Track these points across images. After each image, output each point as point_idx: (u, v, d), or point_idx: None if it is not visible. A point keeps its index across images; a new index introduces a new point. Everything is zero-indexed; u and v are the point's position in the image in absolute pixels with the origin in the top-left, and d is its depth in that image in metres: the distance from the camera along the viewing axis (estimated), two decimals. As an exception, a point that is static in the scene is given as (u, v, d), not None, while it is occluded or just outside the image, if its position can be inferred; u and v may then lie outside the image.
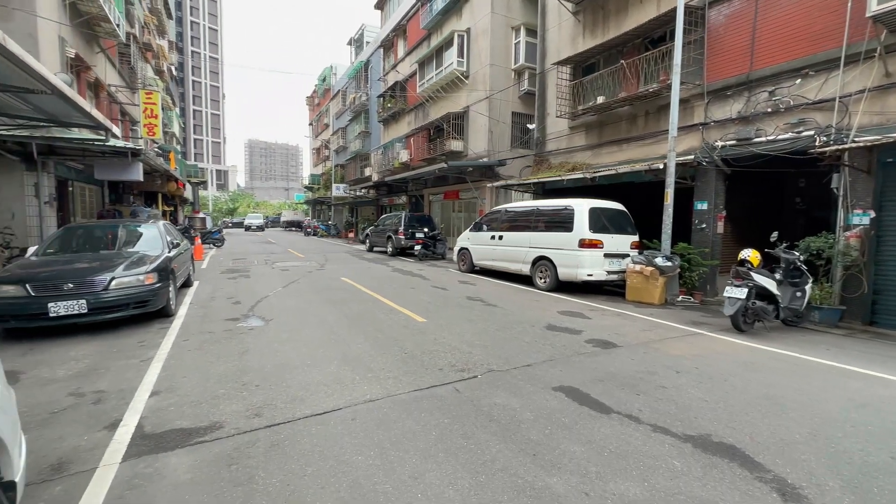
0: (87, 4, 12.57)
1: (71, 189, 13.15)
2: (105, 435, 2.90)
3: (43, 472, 2.47)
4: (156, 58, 24.83)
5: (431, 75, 20.02)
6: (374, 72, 29.53)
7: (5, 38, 4.25)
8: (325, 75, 43.20)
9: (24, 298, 4.94)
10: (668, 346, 5.20)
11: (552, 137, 14.12)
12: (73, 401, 3.45)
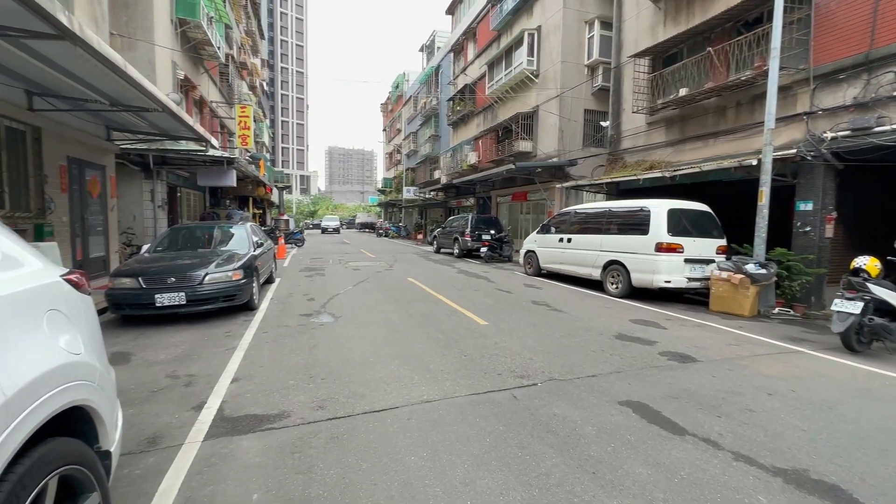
0: (195, 31, 14.22)
1: (179, 194, 14.94)
2: (192, 415, 3.23)
3: (141, 443, 2.80)
4: (250, 75, 27.42)
5: (500, 76, 19.88)
6: (445, 76, 30.02)
7: (127, 66, 4.93)
8: (398, 82, 44.79)
9: (137, 290, 5.69)
10: (759, 364, 4.63)
11: (628, 134, 13.32)
12: (170, 382, 3.89)
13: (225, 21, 17.59)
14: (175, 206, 14.51)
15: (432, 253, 19.81)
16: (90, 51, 4.33)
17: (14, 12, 3.64)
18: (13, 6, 3.47)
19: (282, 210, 35.55)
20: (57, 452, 1.41)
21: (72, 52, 4.54)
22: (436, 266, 14.08)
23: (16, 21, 3.87)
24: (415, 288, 9.33)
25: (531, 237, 12.13)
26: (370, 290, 9.01)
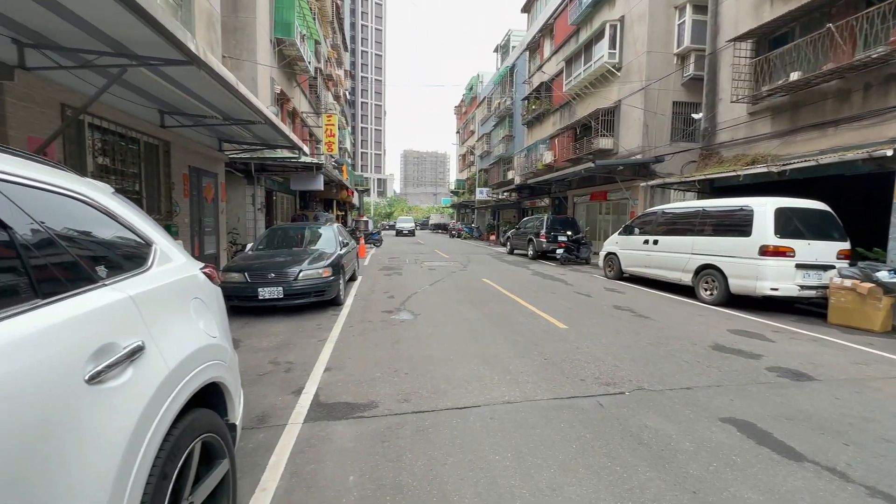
0: (289, 49, 15.55)
1: (274, 198, 16.43)
2: (292, 399, 3.54)
3: (252, 420, 3.14)
4: (335, 85, 29.32)
5: (579, 72, 19.17)
6: (520, 75, 29.64)
7: (238, 84, 5.55)
8: (472, 84, 45.11)
9: (243, 284, 6.37)
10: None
11: (725, 127, 12.14)
12: (272, 367, 4.30)
13: (315, 37, 19.01)
14: (271, 209, 15.99)
15: (505, 254, 19.67)
16: (210, 73, 4.93)
17: (156, 45, 4.27)
18: (157, 40, 4.07)
19: (361, 212, 37.55)
20: (200, 421, 1.64)
21: (195, 74, 5.20)
22: (510, 267, 13.96)
23: (156, 52, 4.53)
24: (490, 289, 9.34)
25: (612, 238, 11.54)
26: (446, 289, 9.18)
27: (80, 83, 5.46)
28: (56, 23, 4.09)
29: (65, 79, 5.25)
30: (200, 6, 9.06)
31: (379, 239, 24.21)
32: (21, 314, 1.04)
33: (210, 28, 9.59)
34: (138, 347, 1.33)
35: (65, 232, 1.32)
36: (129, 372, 1.27)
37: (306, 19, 16.82)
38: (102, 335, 1.23)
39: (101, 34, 4.30)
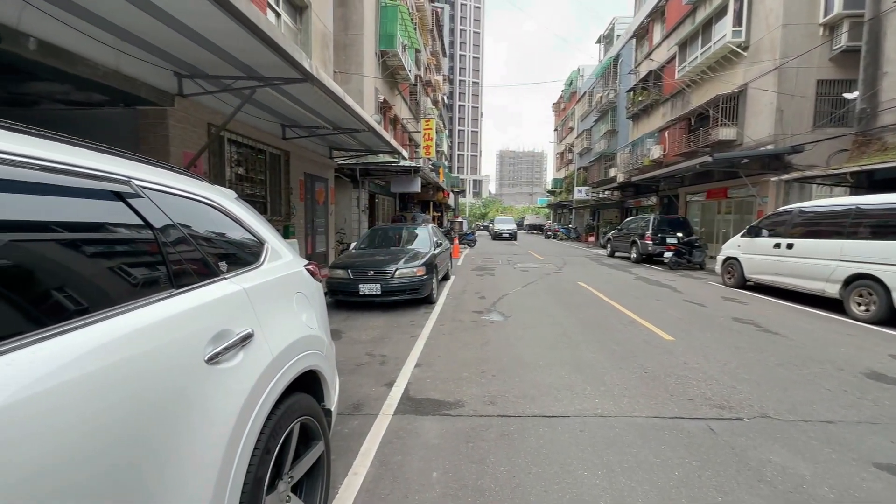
0: (392, 59, 16.48)
1: (376, 200, 17.57)
2: (384, 390, 3.74)
3: (348, 407, 3.38)
4: (433, 91, 30.37)
5: (695, 56, 17.26)
6: (625, 66, 27.67)
7: (345, 96, 6.03)
8: (572, 79, 43.31)
9: (347, 280, 6.91)
10: None
11: (890, 107, 9.94)
12: (368, 359, 4.59)
13: (415, 46, 19.90)
14: (374, 210, 17.13)
15: (605, 257, 18.52)
16: (322, 87, 5.43)
17: (279, 66, 4.84)
18: (279, 62, 4.61)
19: (456, 213, 38.36)
20: (299, 404, 1.80)
21: (310, 90, 5.78)
22: (610, 271, 13.10)
23: (279, 73, 5.14)
24: (586, 292, 8.86)
25: (733, 241, 10.17)
26: (539, 292, 8.93)
27: (221, 105, 6.40)
28: (206, 56, 4.86)
29: (210, 102, 6.21)
30: (316, 28, 10.05)
31: (473, 239, 24.49)
32: (161, 301, 1.24)
33: (324, 47, 10.58)
34: (249, 335, 1.51)
35: (196, 232, 1.55)
36: (240, 356, 1.44)
37: (408, 30, 17.69)
38: (220, 322, 1.42)
39: (238, 62, 5.00)
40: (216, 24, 3.98)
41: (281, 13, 8.91)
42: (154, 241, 1.32)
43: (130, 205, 1.28)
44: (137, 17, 3.98)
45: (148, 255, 1.31)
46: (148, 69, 5.02)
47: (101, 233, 1.21)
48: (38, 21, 3.77)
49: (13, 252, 0.95)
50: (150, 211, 1.34)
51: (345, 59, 14.28)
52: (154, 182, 1.44)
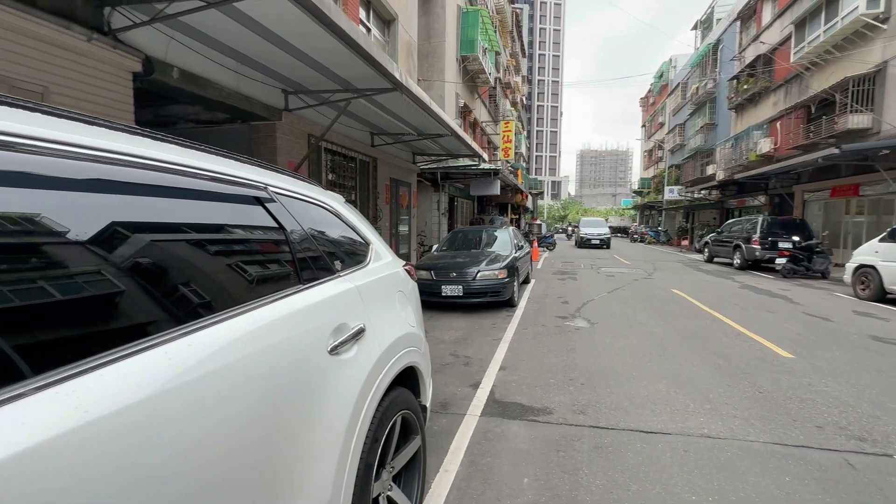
0: (472, 64, 16.66)
1: (456, 203, 17.85)
2: (470, 391, 3.77)
3: (436, 406, 3.46)
4: (512, 92, 30.13)
5: (817, 33, 15.09)
6: (726, 52, 25.07)
7: (431, 103, 6.22)
8: (663, 70, 40.29)
9: (430, 281, 7.10)
10: None
11: None
12: (452, 360, 4.66)
13: (495, 49, 19.91)
14: (453, 213, 17.42)
15: (702, 262, 16.90)
16: (410, 95, 5.66)
17: (371, 78, 5.13)
18: (372, 74, 4.89)
19: (535, 215, 37.61)
20: (401, 398, 1.88)
21: (398, 98, 6.05)
22: (708, 278, 11.93)
23: (371, 84, 5.45)
24: (682, 301, 8.16)
25: (868, 247, 8.71)
26: (627, 298, 8.41)
27: (319, 117, 6.96)
28: (309, 73, 5.32)
29: (310, 115, 6.77)
30: (402, 39, 10.50)
31: (552, 243, 23.81)
32: (292, 295, 1.38)
33: (409, 56, 11.02)
34: (361, 329, 1.62)
35: (316, 233, 1.70)
36: (354, 349, 1.55)
37: (488, 33, 17.76)
38: (339, 316, 1.53)
39: (335, 76, 5.40)
40: (321, 44, 4.34)
41: (371, 27, 9.45)
42: (285, 241, 1.47)
43: (267, 208, 1.44)
44: (256, 42, 4.48)
45: (281, 254, 1.46)
46: (261, 88, 5.62)
47: (246, 233, 1.37)
48: (180, 53, 4.41)
49: (183, 250, 1.11)
50: (281, 214, 1.49)
51: (427, 67, 14.74)
52: (283, 188, 1.60)
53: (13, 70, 3.22)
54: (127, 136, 1.05)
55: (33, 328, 0.74)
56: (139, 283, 0.94)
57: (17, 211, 0.77)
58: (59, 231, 0.82)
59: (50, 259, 0.81)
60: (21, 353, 0.69)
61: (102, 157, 0.94)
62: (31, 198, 0.78)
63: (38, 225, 0.80)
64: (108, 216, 0.93)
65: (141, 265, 0.96)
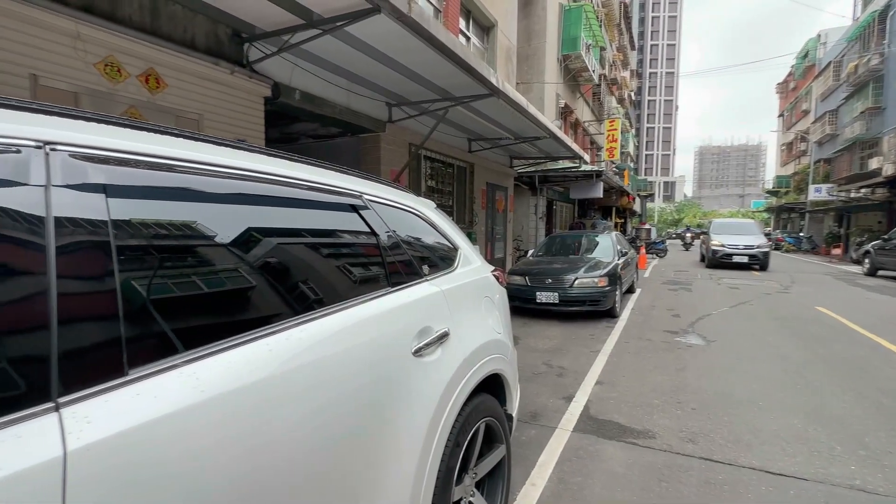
0: (574, 62, 16.03)
1: (554, 207, 17.29)
2: (563, 404, 3.61)
3: (525, 415, 3.37)
4: (619, 89, 28.32)
5: None
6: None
7: (528, 106, 6.13)
8: (808, 49, 34.36)
9: (524, 287, 6.97)
10: None
11: None
12: (545, 369, 4.51)
13: (600, 44, 18.91)
14: (551, 217, 16.90)
15: (860, 276, 13.97)
16: (507, 100, 5.64)
17: (469, 85, 5.23)
18: (470, 82, 4.99)
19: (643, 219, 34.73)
20: (485, 405, 1.87)
21: (495, 103, 6.06)
22: (870, 294, 9.81)
23: (469, 91, 5.55)
24: (829, 321, 6.83)
25: None
26: (755, 315, 7.30)
27: (419, 126, 7.29)
28: (410, 85, 5.61)
29: (411, 124, 7.13)
30: (501, 45, 10.53)
31: (663, 249, 21.72)
32: (381, 297, 1.46)
33: (507, 61, 11.00)
34: (445, 333, 1.65)
35: (405, 238, 1.78)
36: (438, 352, 1.58)
37: (592, 28, 16.94)
38: (424, 319, 1.58)
39: (435, 86, 5.61)
40: (421, 57, 4.55)
41: (470, 36, 9.64)
42: (377, 245, 1.56)
43: (361, 215, 1.55)
44: (363, 61, 4.86)
45: (372, 257, 1.55)
46: (368, 103, 6.08)
47: (342, 237, 1.49)
48: (301, 77, 4.98)
49: (290, 253, 1.24)
50: (374, 220, 1.59)
51: (527, 70, 14.55)
52: (376, 195, 1.70)
53: (179, 103, 3.94)
54: (252, 155, 1.22)
55: (177, 315, 0.89)
56: (257, 282, 1.09)
57: (180, 219, 0.98)
58: (209, 235, 1.01)
59: (167, 260, 0.95)
60: (159, 337, 0.84)
61: (237, 174, 1.12)
62: (150, 207, 0.94)
63: (193, 230, 0.99)
64: (243, 223, 1.11)
65: (256, 266, 1.10)
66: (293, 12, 3.82)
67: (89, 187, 0.81)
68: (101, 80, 3.41)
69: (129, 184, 0.89)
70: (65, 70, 3.20)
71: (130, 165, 0.90)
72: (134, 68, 3.60)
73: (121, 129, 0.93)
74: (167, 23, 3.81)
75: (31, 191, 0.73)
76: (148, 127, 1.00)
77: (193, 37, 4.00)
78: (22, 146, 0.75)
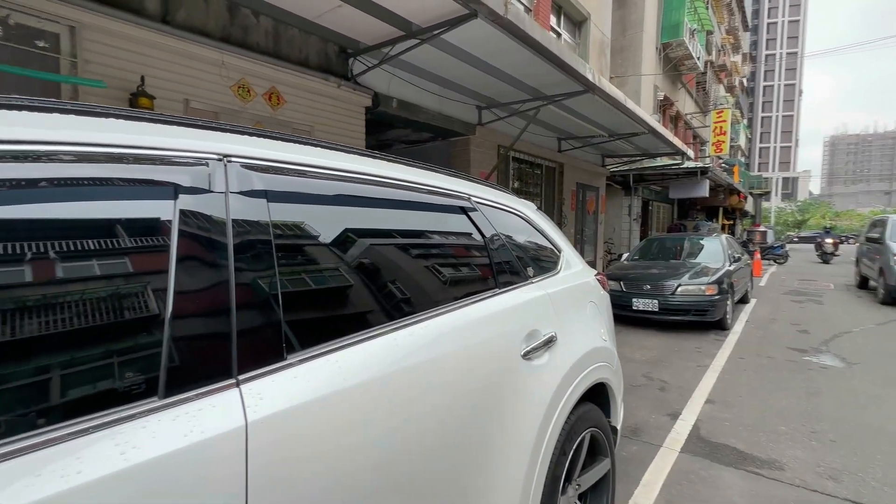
0: (675, 50, 14.78)
1: (650, 208, 16.08)
2: (666, 421, 3.33)
3: (624, 429, 3.17)
4: (728, 75, 25.47)
5: None
6: None
7: (626, 100, 5.78)
8: None
9: (619, 292, 6.56)
10: None
11: None
12: (645, 382, 4.20)
13: (707, 28, 17.19)
14: (647, 219, 15.73)
15: None
16: (603, 95, 5.37)
17: (562, 83, 5.08)
18: (564, 79, 4.84)
19: (757, 220, 30.78)
20: (590, 414, 1.79)
21: (589, 100, 5.81)
22: None
23: (561, 89, 5.39)
24: None
25: None
26: (913, 336, 6.07)
27: (508, 128, 7.25)
28: (501, 87, 5.61)
29: (499, 126, 7.12)
30: (594, 38, 10.07)
31: (783, 255, 19.03)
32: (490, 298, 1.47)
33: (601, 55, 10.49)
34: (552, 338, 1.61)
35: (511, 240, 1.77)
36: (545, 357, 1.55)
37: (697, 12, 15.46)
38: (531, 322, 1.56)
39: (526, 86, 5.54)
40: (513, 58, 4.53)
41: (561, 32, 9.36)
42: (484, 247, 1.58)
43: (470, 217, 1.58)
44: (455, 66, 4.97)
45: (480, 259, 1.57)
46: (459, 107, 6.20)
47: (451, 239, 1.53)
48: (397, 86, 5.24)
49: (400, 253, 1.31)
50: (481, 222, 1.61)
51: (621, 62, 13.73)
52: (483, 197, 1.72)
53: (294, 117, 4.38)
54: (375, 161, 1.31)
55: (321, 307, 0.99)
56: (385, 279, 1.17)
57: (320, 220, 1.07)
58: (314, 235, 1.06)
59: (310, 258, 1.04)
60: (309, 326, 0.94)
61: (364, 178, 1.21)
62: (297, 210, 1.04)
63: (331, 231, 1.08)
64: (370, 224, 1.19)
65: (370, 266, 1.17)
66: (394, 25, 4.04)
67: (255, 193, 0.93)
68: (235, 100, 3.92)
69: (282, 189, 1.00)
70: (208, 94, 3.73)
71: (282, 173, 1.02)
72: (260, 88, 4.08)
73: (272, 141, 1.06)
74: (286, 45, 4.25)
75: (215, 197, 0.86)
76: (291, 139, 1.12)
77: (307, 56, 4.42)
78: (208, 159, 0.89)
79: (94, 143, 0.75)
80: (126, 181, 0.76)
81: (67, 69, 3.10)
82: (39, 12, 2.94)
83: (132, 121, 0.83)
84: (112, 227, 0.73)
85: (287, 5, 3.86)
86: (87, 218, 0.71)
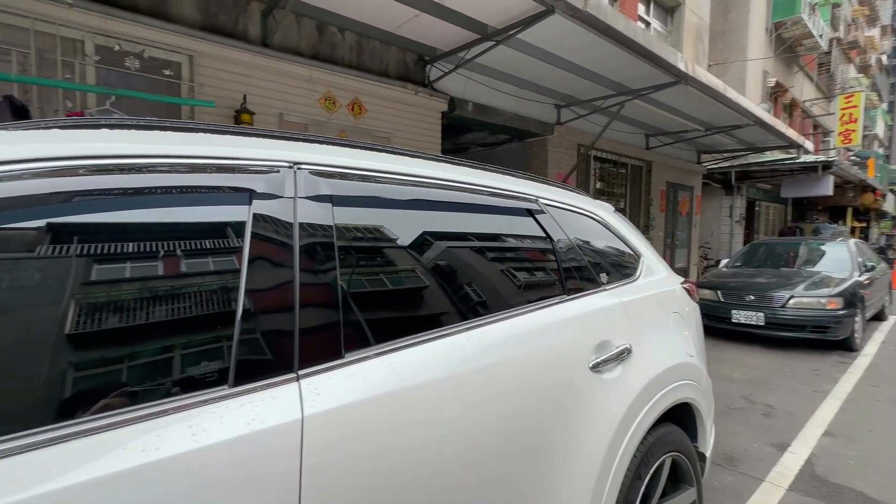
0: (791, 30, 13.01)
1: (757, 208, 14.29)
2: (772, 452, 2.91)
3: (718, 457, 2.83)
4: (861, 53, 21.81)
5: None
6: None
7: (726, 89, 5.20)
8: None
9: (715, 302, 5.91)
10: None
11: None
12: (745, 404, 3.72)
13: (832, 1, 14.88)
14: (752, 221, 13.99)
15: None
16: (697, 85, 4.89)
17: (649, 76, 4.72)
18: (651, 71, 4.50)
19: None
20: (671, 437, 1.62)
21: (681, 91, 5.32)
22: None
23: (648, 81, 5.01)
24: None
25: None
26: None
27: (589, 126, 6.91)
28: (581, 84, 5.38)
29: (579, 124, 6.82)
30: (689, 24, 9.23)
31: (935, 263, 15.73)
32: (557, 304, 1.40)
33: (698, 40, 9.58)
34: (626, 350, 1.49)
35: (582, 243, 1.68)
36: (618, 370, 1.44)
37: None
38: (602, 332, 1.46)
39: (608, 81, 5.24)
40: (594, 52, 4.31)
41: (650, 21, 8.71)
42: (552, 251, 1.51)
43: (537, 219, 1.52)
44: (532, 65, 4.86)
45: (547, 263, 1.50)
46: (536, 107, 6.05)
47: (517, 242, 1.48)
48: (473, 90, 5.26)
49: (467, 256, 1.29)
50: (550, 224, 1.54)
51: (721, 48, 12.39)
52: (551, 199, 1.65)
53: (374, 125, 4.60)
54: (439, 164, 1.31)
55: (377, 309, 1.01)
56: (445, 282, 1.17)
57: (382, 223, 1.10)
58: (375, 238, 1.10)
59: (371, 260, 1.07)
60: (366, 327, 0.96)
61: (427, 182, 1.22)
62: (360, 213, 1.07)
63: (393, 234, 1.11)
64: (433, 227, 1.21)
65: (428, 269, 1.17)
66: (470, 29, 4.06)
67: (321, 198, 0.98)
68: (322, 111, 4.22)
69: (346, 193, 1.05)
70: (299, 108, 4.06)
71: (347, 178, 1.06)
72: (344, 99, 4.35)
73: (338, 147, 1.11)
74: (368, 58, 4.49)
75: (285, 202, 0.92)
76: (356, 145, 1.16)
77: (387, 66, 4.62)
78: (280, 167, 0.95)
79: (183, 154, 0.84)
80: (209, 188, 0.85)
81: (186, 92, 3.58)
82: (166, 45, 3.43)
83: (217, 134, 0.93)
84: (196, 230, 0.82)
85: (369, 19, 4.07)
86: (177, 221, 0.80)
